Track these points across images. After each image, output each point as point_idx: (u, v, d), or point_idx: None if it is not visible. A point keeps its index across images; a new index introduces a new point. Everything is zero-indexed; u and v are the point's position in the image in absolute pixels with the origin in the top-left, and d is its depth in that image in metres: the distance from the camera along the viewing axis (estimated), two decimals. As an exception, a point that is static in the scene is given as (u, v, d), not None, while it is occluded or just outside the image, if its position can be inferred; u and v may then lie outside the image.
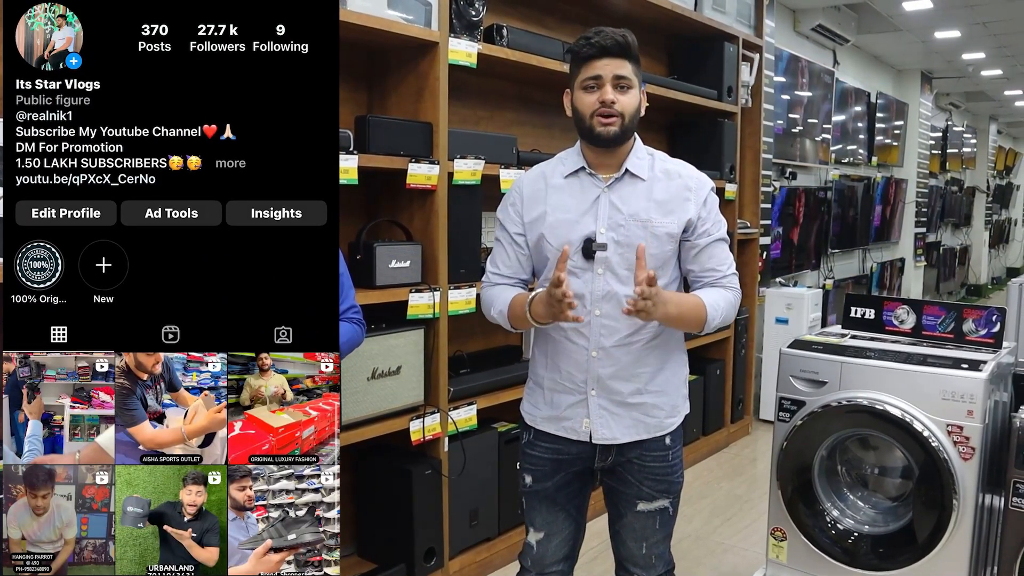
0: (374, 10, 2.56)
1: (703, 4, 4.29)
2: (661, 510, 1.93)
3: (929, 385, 2.38)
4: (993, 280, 13.39)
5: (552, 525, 1.97)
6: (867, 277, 7.81)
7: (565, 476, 1.94)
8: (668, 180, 1.86)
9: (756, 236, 5.00)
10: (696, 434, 4.54)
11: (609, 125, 1.78)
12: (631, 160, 1.86)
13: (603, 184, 1.85)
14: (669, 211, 1.82)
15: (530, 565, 2.02)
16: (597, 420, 1.85)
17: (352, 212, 2.91)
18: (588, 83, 1.80)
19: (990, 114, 12.04)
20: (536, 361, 1.96)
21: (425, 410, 2.81)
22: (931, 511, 2.40)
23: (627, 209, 1.82)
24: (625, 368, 1.84)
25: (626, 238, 1.80)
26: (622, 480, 1.92)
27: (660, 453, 1.90)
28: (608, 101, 1.77)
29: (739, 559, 3.33)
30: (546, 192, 1.88)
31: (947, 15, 6.26)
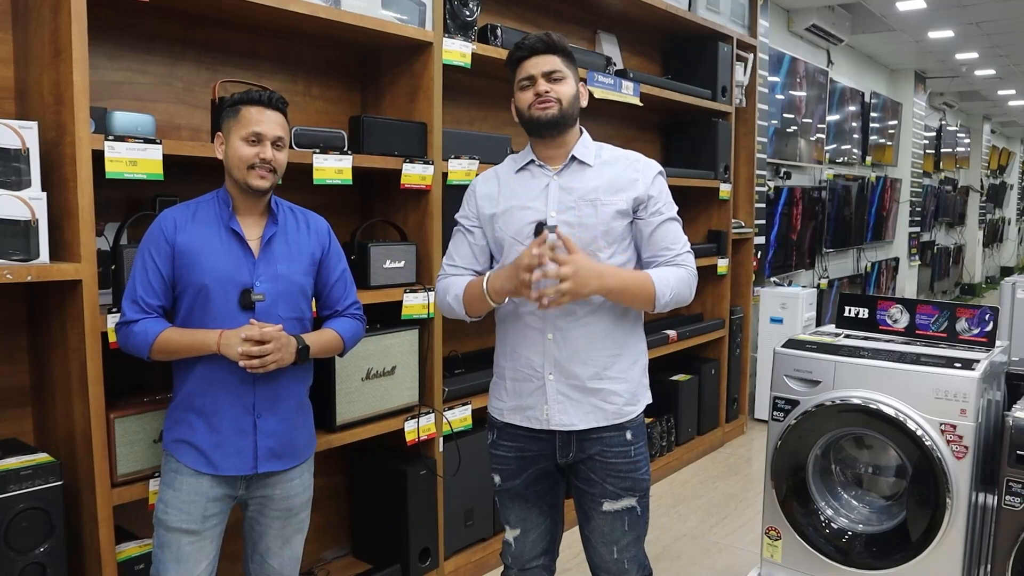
0: (368, 10, 2.56)
1: (697, 4, 4.29)
2: (628, 510, 1.94)
3: (922, 384, 2.39)
4: (987, 279, 13.43)
5: (526, 521, 2.01)
6: (862, 276, 7.83)
7: (532, 473, 1.97)
8: (615, 163, 1.93)
9: (750, 236, 5.01)
10: (691, 433, 4.55)
11: (547, 108, 1.85)
12: (578, 148, 1.93)
13: (552, 172, 1.92)
14: (617, 189, 1.89)
15: (511, 562, 2.06)
16: (555, 405, 1.89)
17: (346, 212, 2.91)
18: (523, 83, 1.89)
19: (984, 114, 12.08)
20: (498, 354, 2.02)
21: (420, 410, 2.81)
22: (925, 510, 2.41)
23: (576, 191, 1.89)
24: (581, 350, 1.88)
25: (577, 219, 1.86)
26: (587, 480, 1.94)
27: (622, 448, 1.92)
28: (542, 91, 1.85)
29: (734, 558, 3.34)
30: (499, 187, 1.97)
31: (940, 15, 6.28)
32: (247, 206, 1.91)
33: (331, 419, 2.52)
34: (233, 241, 1.88)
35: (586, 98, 1.95)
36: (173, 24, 2.42)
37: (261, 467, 1.89)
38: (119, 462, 2.04)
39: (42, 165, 1.92)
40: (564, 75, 1.87)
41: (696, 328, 4.45)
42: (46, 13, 1.96)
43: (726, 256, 4.66)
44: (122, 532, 2.13)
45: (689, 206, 4.78)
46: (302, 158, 2.38)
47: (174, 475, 1.88)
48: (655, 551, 3.39)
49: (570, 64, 1.90)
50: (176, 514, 1.85)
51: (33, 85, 2.04)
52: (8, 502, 1.80)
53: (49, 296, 2.05)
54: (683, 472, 4.39)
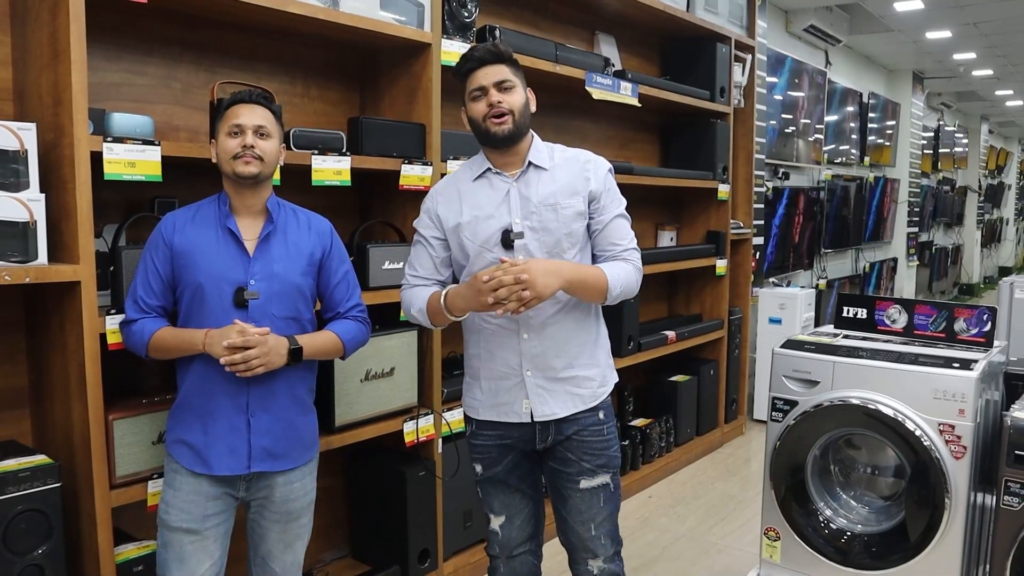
0: (366, 11, 2.56)
1: (695, 5, 4.29)
2: (603, 486, 2.02)
3: (921, 384, 2.39)
4: (985, 279, 13.45)
5: (511, 507, 2.07)
6: (860, 277, 7.83)
7: (513, 458, 2.05)
8: (568, 165, 2.01)
9: (749, 236, 5.01)
10: (690, 434, 4.55)
11: (502, 124, 1.92)
12: (532, 153, 1.99)
13: (510, 179, 1.98)
14: (574, 192, 1.97)
15: (498, 552, 2.11)
16: (536, 399, 1.98)
17: (345, 213, 2.90)
18: (475, 93, 1.94)
19: (981, 114, 12.09)
20: (470, 355, 2.08)
21: (419, 411, 2.81)
22: (923, 510, 2.41)
23: (536, 197, 1.96)
24: (556, 344, 1.97)
25: (540, 223, 1.94)
26: (563, 460, 2.02)
27: (596, 427, 2.02)
28: (495, 102, 1.91)
29: (733, 559, 3.34)
30: (459, 196, 2.01)
31: (938, 15, 6.28)
32: (244, 205, 1.92)
33: (330, 420, 2.52)
34: (229, 240, 1.89)
35: (534, 103, 2.01)
36: (172, 26, 2.42)
37: (255, 466, 1.89)
38: (118, 464, 2.04)
39: (40, 167, 1.92)
40: (513, 83, 1.94)
41: (695, 329, 4.45)
42: (45, 15, 1.96)
43: (724, 257, 4.67)
44: (121, 534, 2.12)
45: (687, 207, 4.79)
46: (301, 159, 2.38)
47: (174, 475, 1.88)
48: (654, 552, 3.39)
49: (517, 72, 1.97)
50: (177, 514, 1.86)
51: (32, 86, 2.04)
52: (6, 504, 1.80)
53: (47, 298, 2.05)
54: (682, 473, 4.39)
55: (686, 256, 4.33)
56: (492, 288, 1.78)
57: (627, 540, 3.47)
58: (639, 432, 4.09)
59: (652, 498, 4.01)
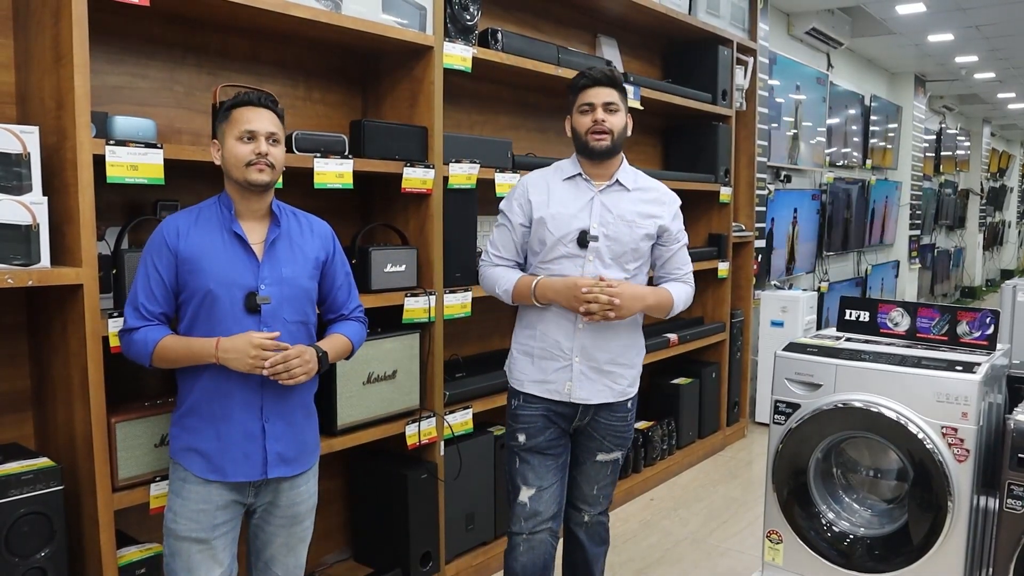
0: (368, 14, 2.56)
1: (697, 8, 4.30)
2: (614, 461, 2.37)
3: (923, 387, 2.39)
4: (987, 282, 13.43)
5: (544, 479, 2.28)
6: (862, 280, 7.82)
7: (554, 431, 2.29)
8: (647, 192, 2.30)
9: (751, 239, 5.01)
10: (692, 437, 4.55)
11: (601, 140, 2.20)
12: (620, 173, 2.27)
13: (596, 189, 2.25)
14: (648, 215, 2.27)
15: (523, 525, 2.28)
16: (577, 383, 2.25)
17: (347, 216, 2.91)
18: (584, 107, 2.22)
19: (983, 117, 12.09)
20: (523, 335, 2.33)
21: (421, 414, 2.81)
22: (926, 513, 2.40)
23: (616, 210, 2.23)
24: (603, 339, 2.25)
25: (614, 233, 2.22)
26: (589, 436, 2.32)
27: (622, 415, 2.34)
28: (599, 120, 2.19)
29: (735, 562, 3.33)
30: (548, 190, 2.27)
31: (940, 18, 6.28)
32: (249, 209, 1.90)
33: (332, 423, 2.52)
34: (236, 244, 1.87)
35: (631, 127, 2.29)
36: (174, 29, 2.43)
37: (271, 472, 1.88)
38: (120, 467, 2.04)
39: (43, 170, 1.92)
40: (618, 107, 2.22)
41: (697, 332, 4.44)
42: (47, 18, 1.96)
43: (726, 259, 4.66)
44: (123, 537, 2.12)
45: (689, 209, 4.75)
46: (303, 162, 2.38)
47: (182, 483, 1.87)
48: (656, 555, 3.39)
49: (623, 98, 2.24)
50: (185, 523, 1.85)
51: (34, 90, 2.05)
52: (9, 507, 1.80)
53: (50, 301, 2.05)
54: (684, 476, 4.39)
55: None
56: (587, 299, 2.10)
57: (629, 543, 3.47)
58: (641, 435, 4.09)
59: (654, 501, 4.01)
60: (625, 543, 3.48)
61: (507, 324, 3.64)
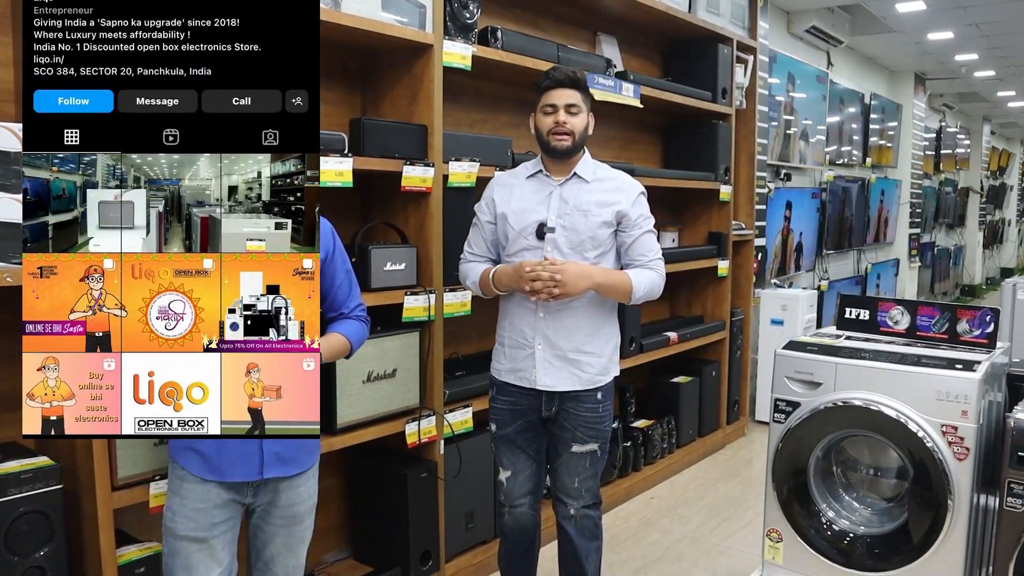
0: (368, 12, 2.56)
1: (697, 6, 4.29)
2: (591, 452, 2.40)
3: (923, 385, 2.39)
4: (987, 280, 13.43)
5: (516, 464, 2.43)
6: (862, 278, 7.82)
7: (522, 423, 2.40)
8: (605, 182, 2.37)
9: (751, 237, 5.01)
10: (692, 435, 4.55)
11: (562, 140, 2.30)
12: (579, 166, 2.36)
13: (555, 183, 2.36)
14: (605, 204, 2.33)
15: (503, 499, 2.47)
16: (541, 370, 2.33)
17: (347, 215, 2.90)
18: (546, 108, 2.31)
19: (983, 115, 12.08)
20: (500, 325, 2.46)
21: (421, 412, 2.81)
22: (926, 511, 2.40)
23: (572, 202, 2.32)
24: (565, 328, 2.32)
25: (571, 224, 2.31)
26: (561, 427, 2.39)
27: (592, 405, 2.37)
28: (561, 122, 2.28)
29: (735, 560, 3.33)
30: (511, 188, 2.41)
31: (940, 16, 6.28)
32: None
33: (332, 421, 2.52)
34: None
35: (592, 126, 2.38)
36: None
37: (267, 472, 1.88)
38: (119, 465, 2.04)
39: (42, 168, 1.91)
40: (580, 108, 2.31)
41: (697, 330, 4.44)
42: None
43: (726, 258, 4.66)
44: (123, 535, 2.12)
45: (689, 208, 4.78)
46: (302, 160, 2.38)
47: (180, 482, 1.87)
48: (656, 553, 3.39)
49: (586, 98, 2.34)
50: (183, 522, 1.84)
51: (33, 88, 2.04)
52: (8, 506, 1.79)
53: (49, 299, 2.04)
54: (684, 474, 4.39)
55: (688, 257, 4.33)
56: (531, 278, 2.19)
57: (629, 541, 3.47)
58: (641, 433, 4.09)
59: (654, 499, 4.01)
60: (625, 541, 3.48)
61: (507, 322, 3.64)
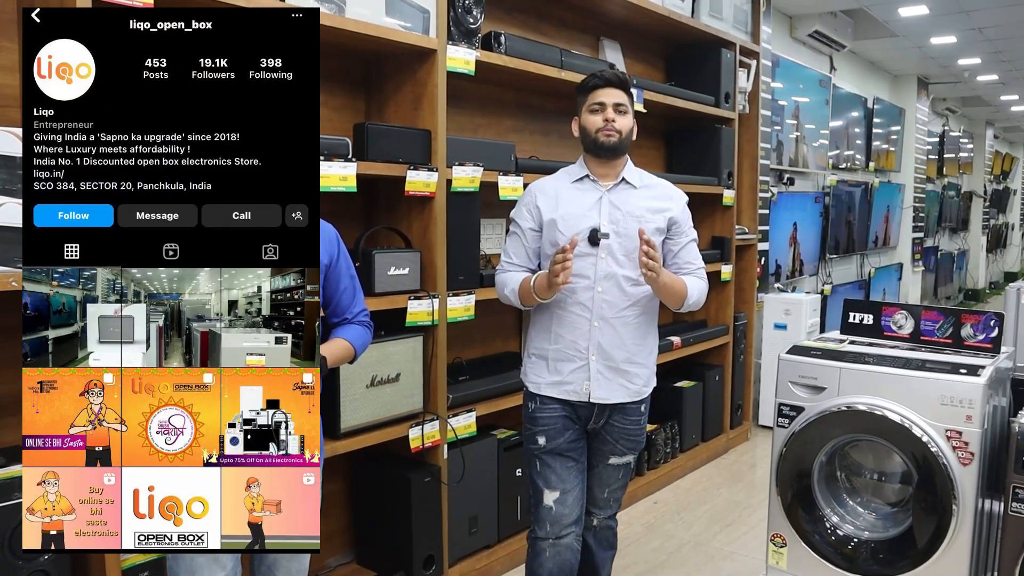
0: (372, 18, 2.56)
1: (700, 10, 4.30)
2: (626, 464, 2.36)
3: (928, 390, 2.38)
4: (991, 285, 13.41)
5: (567, 482, 2.27)
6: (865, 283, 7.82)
7: (573, 433, 2.28)
8: (654, 189, 2.34)
9: (754, 242, 5.00)
10: (695, 440, 4.54)
11: (610, 136, 2.22)
12: (626, 172, 2.30)
13: (604, 188, 2.27)
14: (656, 211, 2.29)
15: (548, 531, 2.26)
16: (595, 382, 2.23)
17: (350, 219, 2.91)
18: (594, 107, 2.24)
19: (987, 119, 12.08)
20: (537, 336, 2.32)
21: (424, 417, 2.81)
22: (930, 516, 2.40)
23: (624, 208, 2.26)
24: (620, 337, 2.24)
25: (624, 230, 2.23)
26: (602, 440, 2.32)
27: (636, 418, 2.32)
28: (610, 119, 2.22)
29: (739, 565, 3.33)
30: (557, 194, 2.30)
31: (943, 21, 6.28)
32: None
33: (335, 426, 2.52)
34: None
35: (636, 131, 2.31)
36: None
37: None
38: (124, 470, 2.04)
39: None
40: (627, 109, 2.25)
41: (700, 334, 4.44)
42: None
43: (730, 262, 4.66)
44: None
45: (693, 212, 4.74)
46: (306, 165, 2.38)
47: None
48: (660, 558, 3.38)
49: (631, 100, 2.27)
50: None
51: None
52: (12, 509, 1.80)
53: (54, 304, 2.05)
54: (687, 479, 4.38)
55: (691, 262, 4.32)
56: (559, 271, 2.05)
57: (633, 546, 3.47)
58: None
59: (658, 504, 4.00)
60: (629, 546, 3.48)
61: (510, 327, 3.64)
